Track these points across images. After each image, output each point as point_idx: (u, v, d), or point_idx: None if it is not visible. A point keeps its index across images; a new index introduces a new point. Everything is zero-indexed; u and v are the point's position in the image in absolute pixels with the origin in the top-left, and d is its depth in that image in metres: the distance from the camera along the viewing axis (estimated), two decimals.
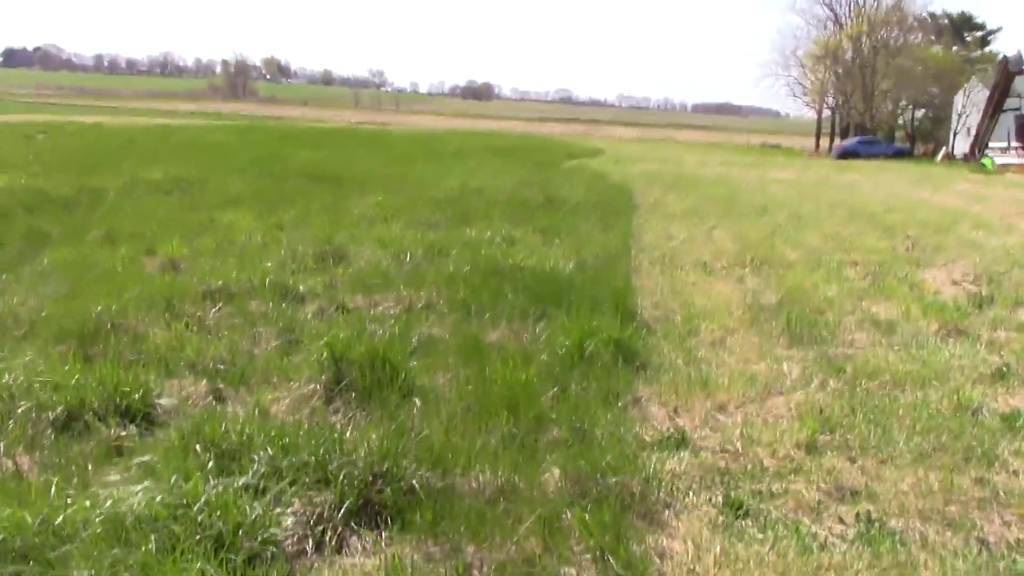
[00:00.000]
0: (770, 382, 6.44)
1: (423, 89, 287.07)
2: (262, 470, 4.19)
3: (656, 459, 4.80)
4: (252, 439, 4.50)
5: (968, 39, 76.24)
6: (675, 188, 24.13)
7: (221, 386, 5.85)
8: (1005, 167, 44.80)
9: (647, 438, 5.22)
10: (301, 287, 8.75)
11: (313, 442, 4.42)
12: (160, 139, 36.62)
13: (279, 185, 18.80)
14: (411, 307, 8.12)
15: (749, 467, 4.84)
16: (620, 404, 5.72)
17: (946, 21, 76.99)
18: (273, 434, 4.54)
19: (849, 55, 75.88)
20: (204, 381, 5.90)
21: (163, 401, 5.47)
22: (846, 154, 59.91)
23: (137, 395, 5.32)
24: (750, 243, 13.51)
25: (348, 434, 4.68)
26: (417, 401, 5.50)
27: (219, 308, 7.80)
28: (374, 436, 4.58)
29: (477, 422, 5.19)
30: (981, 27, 77.63)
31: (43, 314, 7.29)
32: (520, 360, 6.28)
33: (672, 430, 5.38)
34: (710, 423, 5.60)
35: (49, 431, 4.94)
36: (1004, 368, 6.95)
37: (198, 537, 3.56)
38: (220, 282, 8.60)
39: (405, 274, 9.48)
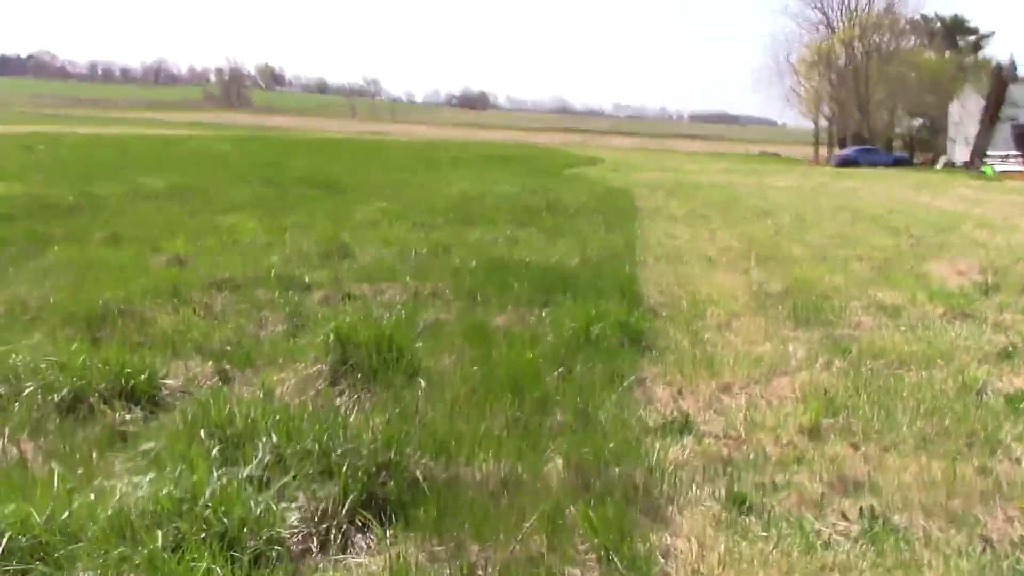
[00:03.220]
0: (775, 362, 6.44)
1: (418, 97, 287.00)
2: (267, 459, 4.15)
3: (659, 446, 4.76)
4: (257, 424, 4.47)
5: (961, 44, 76.22)
6: (676, 194, 24.24)
7: (227, 367, 5.85)
8: (1005, 174, 44.89)
9: (651, 422, 5.19)
10: (307, 278, 8.79)
11: (317, 427, 4.39)
12: (159, 150, 36.62)
13: (280, 193, 18.86)
14: (417, 295, 8.15)
15: (752, 456, 4.79)
16: (624, 385, 5.69)
17: (938, 24, 76.96)
18: (278, 418, 4.51)
19: (842, 61, 75.94)
20: (210, 363, 5.90)
21: (169, 382, 5.45)
22: (845, 163, 59.91)
23: (143, 376, 5.30)
24: (755, 241, 13.55)
25: (352, 418, 4.66)
26: (422, 382, 5.48)
27: (225, 296, 7.83)
28: (378, 421, 4.56)
29: (481, 404, 5.16)
30: (974, 31, 77.63)
31: (50, 301, 7.31)
32: (526, 341, 6.30)
33: (676, 413, 5.35)
34: (714, 405, 5.58)
35: (54, 415, 4.92)
36: (1010, 348, 6.97)
37: (204, 535, 3.53)
38: (227, 274, 8.65)
39: (411, 268, 9.50)
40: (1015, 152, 52.52)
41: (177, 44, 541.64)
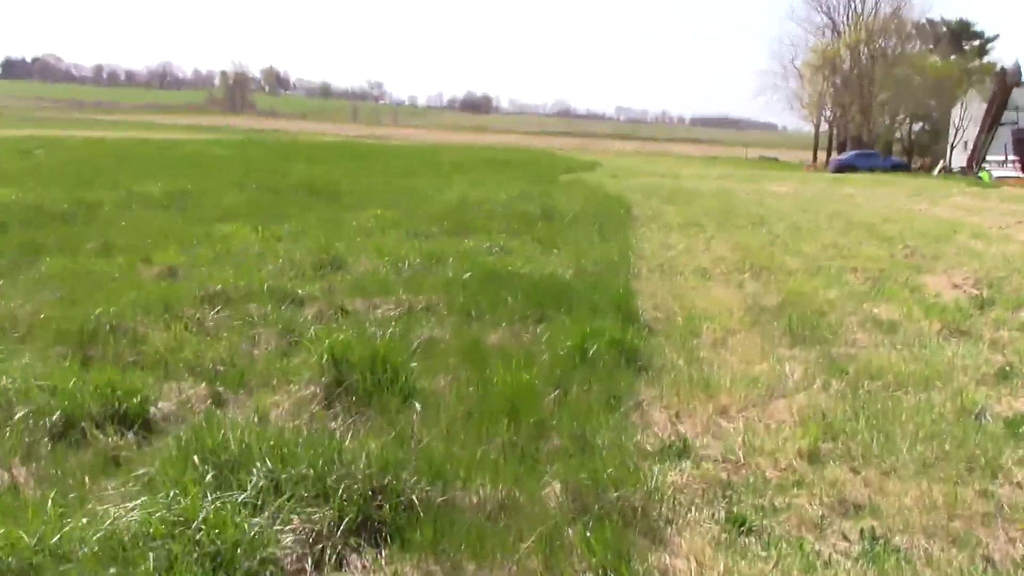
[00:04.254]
0: (772, 384, 6.41)
1: (421, 101, 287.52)
2: (261, 483, 4.12)
3: (658, 471, 4.72)
4: (251, 449, 4.43)
5: (966, 48, 76.29)
6: (673, 201, 24.24)
7: (220, 389, 5.79)
8: (1002, 180, 44.84)
9: (648, 447, 5.16)
10: (300, 291, 8.72)
11: (312, 452, 4.36)
12: (157, 154, 36.57)
13: (277, 199, 18.81)
14: (411, 310, 8.11)
15: (751, 479, 4.77)
16: (622, 409, 5.66)
17: (944, 29, 77.05)
18: (272, 443, 4.48)
19: (847, 65, 75.98)
20: (203, 384, 5.84)
21: (161, 405, 5.41)
22: (843, 167, 59.86)
23: (135, 400, 5.25)
24: (749, 252, 13.52)
25: (347, 442, 4.62)
26: (417, 405, 5.43)
27: (218, 311, 7.75)
28: (374, 445, 4.51)
29: (477, 428, 5.12)
30: (979, 35, 77.71)
31: (41, 317, 7.26)
32: (521, 361, 6.23)
33: (674, 437, 5.32)
34: (712, 430, 5.54)
35: (46, 439, 4.88)
36: (1007, 368, 6.93)
37: (196, 555, 3.51)
38: (219, 287, 8.57)
39: (404, 280, 9.46)
40: (1013, 157, 52.47)
41: (183, 48, 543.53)
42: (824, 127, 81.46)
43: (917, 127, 77.03)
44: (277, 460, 4.30)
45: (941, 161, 65.09)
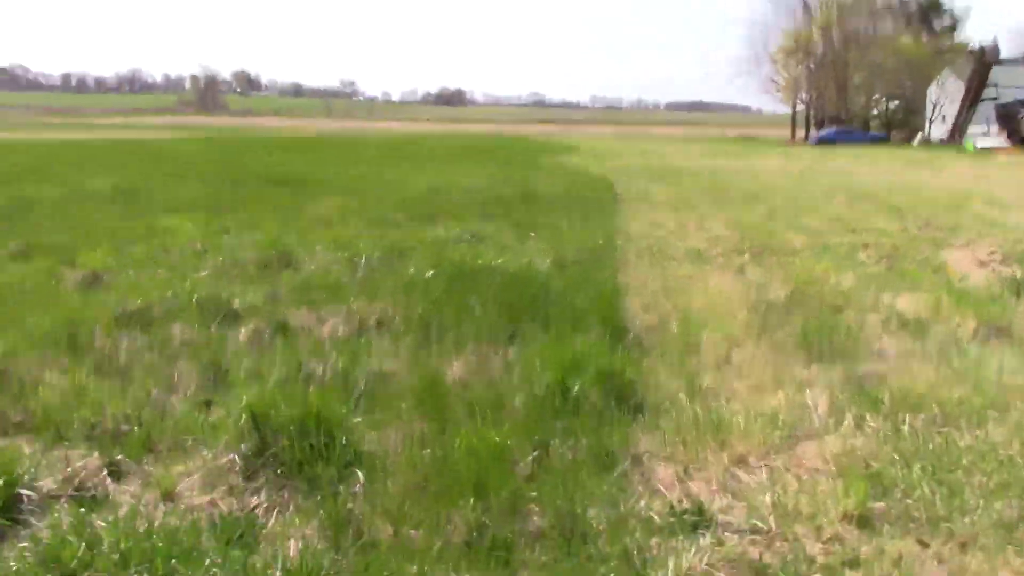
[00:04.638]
0: (795, 422, 5.12)
1: (395, 97, 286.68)
2: None
3: (672, 562, 3.53)
4: (127, 561, 3.36)
5: (936, 27, 77.03)
6: (659, 179, 23.43)
7: (119, 457, 4.55)
8: (989, 150, 44.83)
9: (655, 517, 3.96)
10: (236, 302, 7.47)
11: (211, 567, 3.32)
12: (121, 152, 35.24)
13: (235, 190, 17.74)
14: (362, 325, 6.90)
15: (790, 558, 3.62)
16: (618, 470, 4.44)
17: (914, 7, 77.73)
18: (159, 546, 3.44)
19: (820, 49, 76.61)
20: (96, 453, 4.58)
21: (39, 484, 4.19)
22: (824, 142, 61.24)
23: (2, 479, 4.04)
24: (747, 229, 12.39)
25: (270, 525, 3.68)
26: (360, 476, 4.25)
27: (134, 338, 6.46)
28: (293, 552, 3.50)
29: (435, 507, 3.95)
30: (949, 12, 78.43)
31: None
32: (489, 409, 5.00)
33: (686, 502, 4.12)
34: (730, 487, 4.34)
35: None
36: None
37: None
38: (140, 302, 7.31)
39: (358, 281, 8.19)
40: (995, 130, 52.74)
41: (152, 53, 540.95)
42: (800, 107, 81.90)
43: (893, 105, 77.72)
44: None
45: (920, 133, 65.77)
